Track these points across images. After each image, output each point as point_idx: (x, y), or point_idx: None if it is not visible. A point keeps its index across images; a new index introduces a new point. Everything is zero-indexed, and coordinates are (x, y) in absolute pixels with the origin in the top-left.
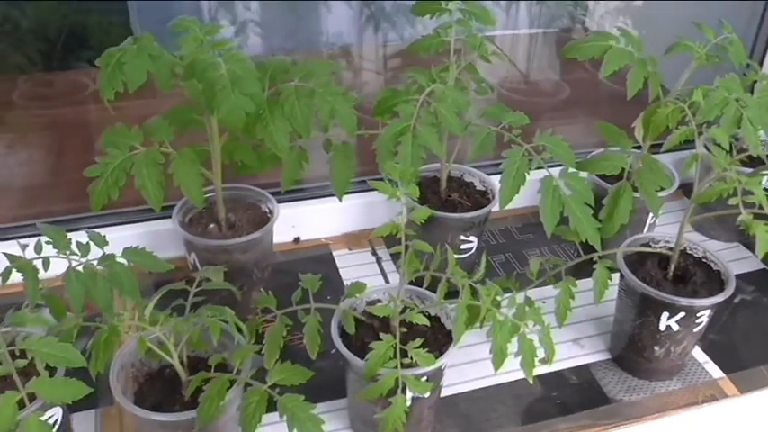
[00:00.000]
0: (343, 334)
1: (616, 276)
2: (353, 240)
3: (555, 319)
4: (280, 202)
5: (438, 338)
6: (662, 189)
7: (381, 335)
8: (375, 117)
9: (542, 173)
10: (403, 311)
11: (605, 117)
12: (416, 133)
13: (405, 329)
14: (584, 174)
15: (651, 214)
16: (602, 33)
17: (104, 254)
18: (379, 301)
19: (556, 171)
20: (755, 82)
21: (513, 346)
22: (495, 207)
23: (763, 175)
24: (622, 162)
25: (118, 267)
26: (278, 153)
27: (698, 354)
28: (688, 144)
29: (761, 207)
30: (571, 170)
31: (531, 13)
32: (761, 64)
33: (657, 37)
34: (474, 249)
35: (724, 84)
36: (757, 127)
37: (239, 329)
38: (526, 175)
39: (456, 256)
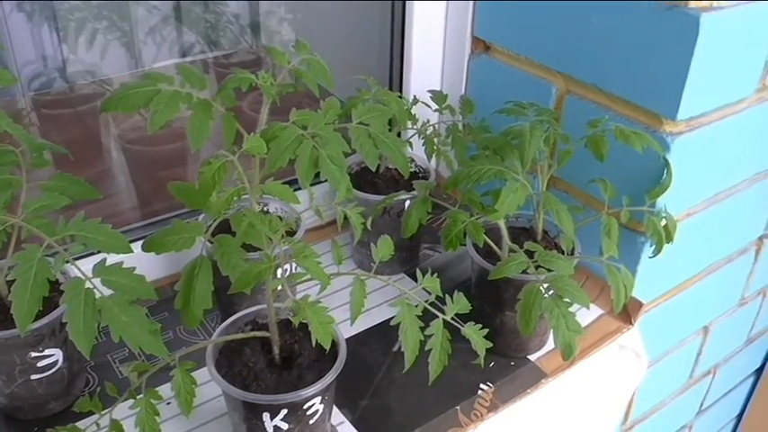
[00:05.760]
0: None
1: None
2: None
3: None
4: None
5: None
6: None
7: None
8: None
9: None
10: None
11: None
12: None
13: None
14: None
15: None
16: (151, 75)
17: None
18: None
19: None
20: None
21: None
22: None
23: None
24: (198, 231)
25: None
26: None
27: (347, 431)
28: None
29: None
30: (113, 260)
31: (183, 42)
32: (401, 78)
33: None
34: (61, 361)
35: (301, 117)
36: (339, 165)
37: None
38: (48, 279)
39: (35, 376)
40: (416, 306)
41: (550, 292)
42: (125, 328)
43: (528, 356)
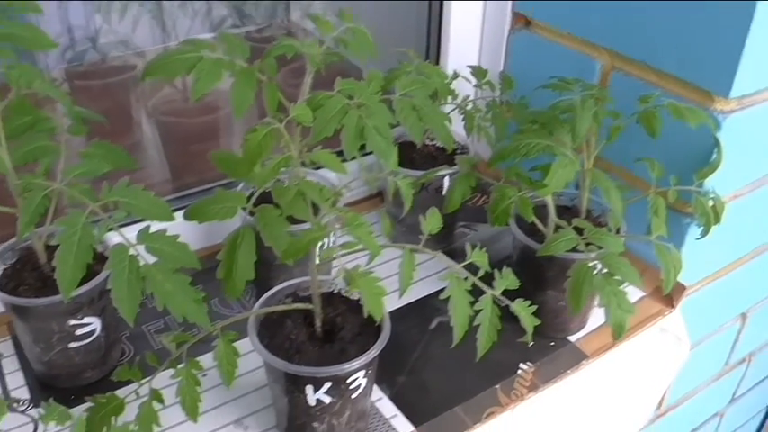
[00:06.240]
0: None
1: None
2: None
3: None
4: None
5: None
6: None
7: None
8: None
9: None
10: None
11: None
12: None
13: None
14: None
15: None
16: (191, 42)
17: None
18: None
19: None
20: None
21: None
22: None
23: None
24: (240, 201)
25: None
26: None
27: (386, 407)
28: None
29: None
30: (156, 227)
31: (213, 17)
32: (438, 52)
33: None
34: (99, 330)
35: (346, 87)
36: (385, 136)
37: None
38: (92, 246)
39: (73, 344)
40: (466, 279)
41: (600, 270)
42: (169, 297)
43: (568, 337)
